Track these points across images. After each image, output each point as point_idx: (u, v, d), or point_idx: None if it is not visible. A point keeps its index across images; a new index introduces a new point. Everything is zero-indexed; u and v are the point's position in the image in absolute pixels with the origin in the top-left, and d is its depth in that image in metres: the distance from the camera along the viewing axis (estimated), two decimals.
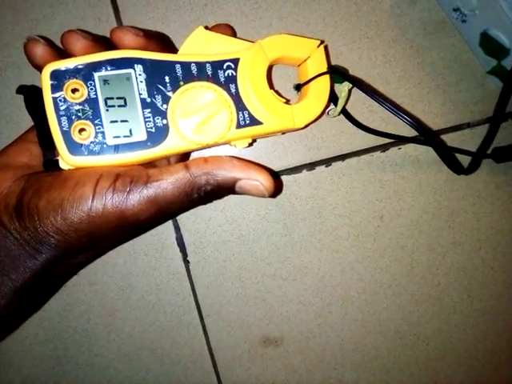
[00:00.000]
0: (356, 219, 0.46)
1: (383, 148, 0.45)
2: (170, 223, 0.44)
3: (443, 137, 0.46)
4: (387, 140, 0.44)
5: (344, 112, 0.41)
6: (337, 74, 0.35)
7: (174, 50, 0.34)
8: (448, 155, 0.37)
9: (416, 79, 0.45)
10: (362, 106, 0.44)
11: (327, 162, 0.45)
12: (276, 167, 0.44)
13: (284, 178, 0.45)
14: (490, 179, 0.47)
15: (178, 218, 0.44)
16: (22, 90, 0.32)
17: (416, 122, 0.35)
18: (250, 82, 0.33)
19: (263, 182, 0.31)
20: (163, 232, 0.44)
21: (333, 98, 0.39)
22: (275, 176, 0.42)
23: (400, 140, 0.41)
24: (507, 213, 0.48)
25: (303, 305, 0.47)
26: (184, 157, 0.37)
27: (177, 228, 0.44)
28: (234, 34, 0.37)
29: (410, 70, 0.45)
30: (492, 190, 0.47)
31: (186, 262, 0.45)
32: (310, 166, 0.45)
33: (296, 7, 0.43)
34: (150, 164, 0.34)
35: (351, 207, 0.46)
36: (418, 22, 0.45)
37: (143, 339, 0.46)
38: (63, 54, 0.31)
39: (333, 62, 0.44)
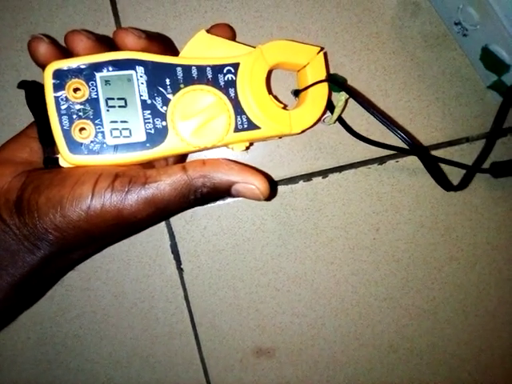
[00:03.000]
0: (352, 231, 0.46)
1: (380, 161, 0.45)
2: (164, 230, 0.44)
3: (441, 151, 0.45)
4: (384, 152, 0.44)
5: (341, 121, 0.41)
6: (334, 83, 0.35)
7: (176, 52, 0.34)
8: (436, 171, 0.36)
9: (416, 92, 0.45)
10: (361, 116, 0.44)
11: (324, 173, 0.45)
12: (273, 177, 0.44)
13: (280, 188, 0.44)
14: (488, 194, 0.47)
15: (172, 225, 0.44)
16: (23, 85, 0.32)
17: (407, 136, 0.35)
18: (249, 87, 0.33)
19: (259, 185, 0.31)
20: (157, 239, 0.44)
21: (330, 106, 0.38)
22: (270, 180, 0.41)
23: (395, 150, 0.41)
24: (504, 228, 0.47)
25: (297, 316, 0.47)
26: (182, 158, 0.38)
27: (171, 236, 0.44)
28: (234, 35, 0.37)
29: (410, 83, 0.45)
30: (489, 205, 0.47)
31: (180, 270, 0.45)
32: (307, 176, 0.44)
33: (297, 16, 0.43)
34: (149, 164, 0.34)
35: (347, 219, 0.46)
36: (419, 34, 0.44)
37: (135, 346, 0.46)
38: (66, 53, 0.32)
39: (333, 72, 0.43)
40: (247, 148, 0.35)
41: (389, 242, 0.46)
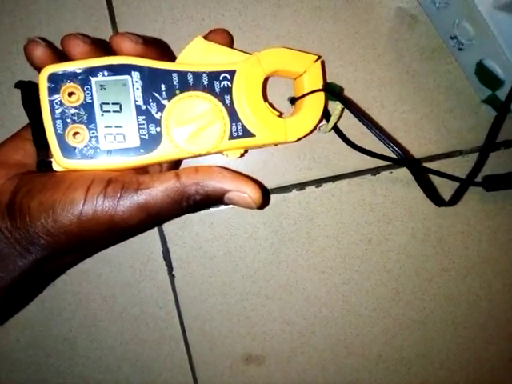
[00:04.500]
0: (344, 241, 0.46)
1: (374, 171, 0.45)
2: (156, 236, 0.44)
3: (435, 163, 0.46)
4: (378, 163, 0.44)
5: (336, 130, 0.41)
6: (330, 92, 0.35)
7: (173, 58, 0.34)
8: (427, 186, 0.36)
9: (411, 104, 0.45)
10: (356, 126, 0.44)
11: (318, 182, 0.45)
12: (266, 185, 0.44)
13: (274, 196, 0.45)
14: (480, 207, 0.47)
15: (165, 231, 0.44)
16: (19, 85, 0.32)
17: (398, 148, 0.35)
18: (245, 95, 0.33)
19: (251, 194, 0.31)
20: (149, 245, 0.44)
21: (326, 115, 0.39)
22: (263, 189, 0.41)
23: (387, 161, 0.41)
24: (495, 241, 0.48)
25: (287, 324, 0.47)
26: (176, 164, 0.38)
27: (163, 241, 0.44)
28: (231, 41, 0.38)
29: (405, 95, 0.45)
30: (481, 218, 0.47)
31: (171, 276, 0.45)
32: (301, 185, 0.45)
33: (294, 26, 0.43)
34: (143, 169, 0.34)
35: (340, 229, 0.46)
36: (415, 47, 0.45)
37: (125, 351, 0.46)
38: (62, 57, 0.32)
39: (330, 81, 0.44)
40: (242, 155, 0.35)
41: (380, 252, 0.47)
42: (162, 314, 0.45)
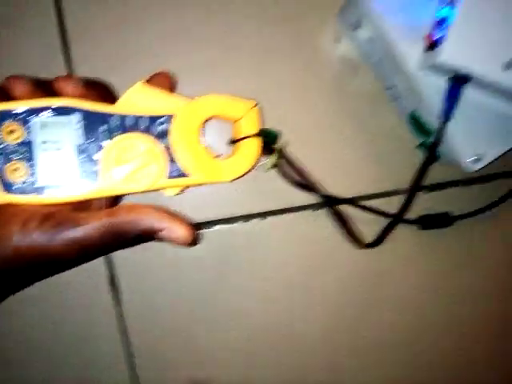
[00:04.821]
0: (286, 272, 0.49)
1: (316, 207, 0.48)
2: (103, 260, 0.46)
3: (373, 201, 0.48)
4: (321, 200, 0.47)
5: (278, 168, 0.43)
6: (265, 136, 0.38)
7: (115, 99, 0.36)
8: (348, 230, 0.39)
9: (352, 146, 0.48)
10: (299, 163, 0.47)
11: (263, 215, 0.47)
12: (213, 216, 0.47)
13: (220, 227, 0.47)
14: (416, 245, 0.50)
15: (112, 255, 0.46)
16: None
17: (318, 190, 0.39)
18: (182, 138, 0.36)
19: (182, 233, 0.33)
20: (96, 269, 0.46)
21: (269, 151, 0.41)
22: (194, 227, 0.44)
23: (323, 198, 0.44)
24: (430, 275, 0.51)
25: (232, 350, 0.49)
26: (116, 199, 0.39)
27: (111, 265, 0.46)
28: (174, 83, 0.39)
29: (347, 137, 0.48)
30: (417, 254, 0.50)
31: (118, 301, 0.47)
32: (246, 217, 0.47)
33: (242, 70, 0.46)
34: (83, 204, 0.36)
35: (282, 260, 0.48)
36: (358, 92, 0.48)
37: (70, 374, 0.47)
38: (6, 95, 0.33)
39: (274, 124, 0.46)
40: (180, 192, 0.37)
41: (321, 284, 0.49)
42: (108, 337, 0.47)
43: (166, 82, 0.38)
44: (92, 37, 0.44)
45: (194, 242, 0.34)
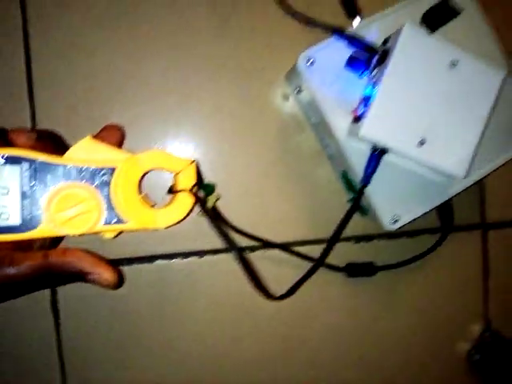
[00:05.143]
0: (219, 309, 0.52)
1: (251, 249, 0.52)
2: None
3: (305, 247, 0.53)
4: (255, 243, 0.51)
5: (215, 213, 0.48)
6: (195, 196, 0.42)
7: (65, 149, 0.40)
8: (255, 280, 0.43)
9: (288, 196, 0.52)
10: (236, 211, 0.51)
11: (200, 254, 0.51)
12: (152, 251, 0.50)
13: (159, 262, 0.51)
14: (342, 290, 0.55)
15: None
16: None
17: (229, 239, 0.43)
18: (121, 189, 0.39)
19: (108, 278, 0.37)
20: (39, 293, 0.49)
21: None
22: (119, 273, 0.47)
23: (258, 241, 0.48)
24: (353, 319, 0.55)
25: (163, 377, 0.52)
26: (58, 239, 0.43)
27: (53, 290, 0.49)
28: (122, 136, 0.44)
29: (284, 188, 0.52)
30: (343, 300, 0.55)
31: (57, 326, 0.50)
32: (185, 255, 0.51)
33: (191, 123, 0.50)
34: (26, 243, 0.39)
35: (218, 298, 0.52)
36: (300, 147, 0.52)
37: None
38: None
39: (219, 172, 0.51)
40: (117, 236, 0.41)
41: (252, 320, 0.53)
42: (44, 359, 0.50)
43: (114, 134, 0.42)
44: (56, 88, 0.48)
45: (118, 285, 0.38)
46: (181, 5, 0.50)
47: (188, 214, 0.42)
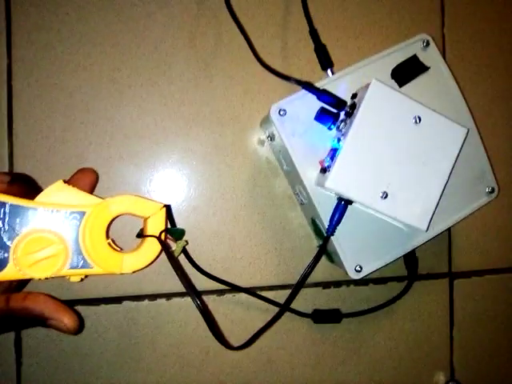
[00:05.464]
0: (184, 351, 0.52)
1: (219, 293, 0.53)
2: None
3: (272, 292, 0.53)
4: (223, 287, 0.51)
5: (186, 255, 0.49)
6: (160, 242, 0.42)
7: (37, 192, 0.40)
8: (215, 332, 0.43)
9: (258, 240, 0.53)
10: (207, 254, 0.52)
11: (168, 296, 0.52)
12: (121, 292, 0.51)
13: (127, 303, 0.51)
14: (308, 336, 0.55)
15: None
16: None
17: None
18: (89, 233, 0.40)
19: (67, 323, 0.38)
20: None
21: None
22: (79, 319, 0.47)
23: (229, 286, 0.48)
24: (318, 365, 0.55)
25: None
26: (24, 281, 0.43)
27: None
28: (96, 179, 0.45)
29: (254, 232, 0.53)
30: (308, 345, 0.55)
31: (19, 364, 0.50)
32: (153, 297, 0.51)
33: (161, 169, 0.51)
34: None
35: (182, 339, 0.52)
36: (270, 194, 0.54)
37: None
38: None
39: (189, 216, 0.52)
40: (82, 280, 0.41)
41: (216, 364, 0.53)
42: None
43: (87, 177, 0.43)
44: (34, 127, 0.50)
45: (78, 331, 0.39)
46: (162, 49, 0.52)
47: (155, 259, 0.43)
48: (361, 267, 0.48)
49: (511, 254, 0.61)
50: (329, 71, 0.50)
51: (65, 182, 0.41)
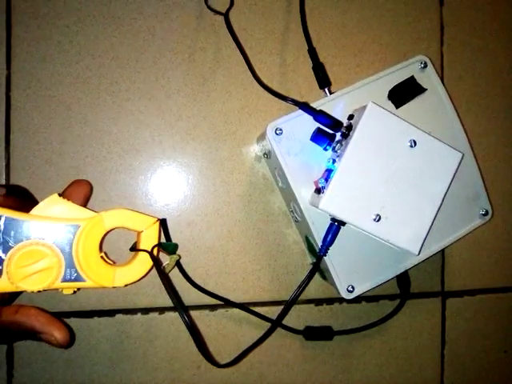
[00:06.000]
0: (176, 365, 0.53)
1: (212, 307, 0.53)
2: None
3: (265, 308, 0.53)
4: (217, 302, 0.52)
5: (180, 269, 0.50)
6: (152, 257, 0.43)
7: (34, 205, 0.40)
8: (202, 349, 0.42)
9: (252, 256, 0.53)
10: (201, 268, 0.52)
11: (161, 310, 0.52)
12: (114, 305, 0.51)
13: (119, 316, 0.51)
14: (300, 352, 0.55)
15: None
16: None
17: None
18: (83, 247, 0.40)
19: (58, 337, 0.38)
20: None
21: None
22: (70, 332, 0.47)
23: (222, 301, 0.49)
24: (309, 382, 0.55)
25: None
26: (16, 294, 0.43)
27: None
28: (90, 191, 0.45)
29: (249, 248, 0.53)
30: (299, 362, 0.55)
31: (10, 376, 0.50)
32: (146, 310, 0.51)
33: (157, 183, 0.51)
34: None
35: (173, 353, 0.52)
36: (264, 210, 0.54)
37: None
38: None
39: (184, 230, 0.52)
40: (75, 292, 0.42)
41: (209, 379, 0.53)
42: None
43: (81, 190, 0.43)
44: (32, 139, 0.50)
45: (69, 345, 0.39)
46: (161, 64, 0.52)
47: (147, 274, 0.43)
48: (353, 287, 0.48)
49: (503, 274, 0.61)
50: (326, 90, 0.50)
51: (59, 194, 0.41)
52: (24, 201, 0.41)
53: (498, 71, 0.60)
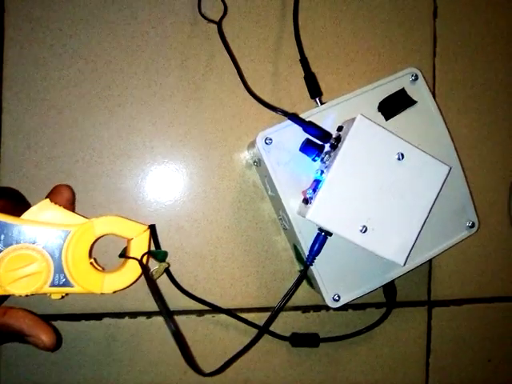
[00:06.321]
0: (162, 369, 0.53)
1: (200, 313, 0.53)
2: None
3: (252, 314, 0.54)
4: (204, 307, 0.52)
5: (168, 275, 0.50)
6: (142, 265, 0.43)
7: (26, 208, 0.41)
8: (186, 356, 0.42)
9: (240, 262, 0.54)
10: (188, 274, 0.52)
11: (149, 314, 0.52)
12: (101, 309, 0.51)
13: (107, 320, 0.51)
14: (286, 358, 0.56)
15: None
16: None
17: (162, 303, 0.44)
18: (72, 253, 0.40)
19: (44, 340, 0.38)
20: None
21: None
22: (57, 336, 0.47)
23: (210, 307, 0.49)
24: None
25: None
26: (4, 297, 0.44)
27: None
28: (72, 195, 0.45)
29: (237, 254, 0.54)
30: (286, 368, 0.56)
31: None
32: (133, 314, 0.52)
33: (147, 189, 0.51)
34: None
35: (161, 358, 0.53)
36: (255, 216, 0.54)
37: None
38: None
39: (173, 235, 0.52)
40: (63, 297, 0.42)
41: (196, 381, 0.54)
42: None
43: (63, 194, 0.43)
44: (23, 142, 0.50)
45: (55, 348, 0.40)
46: (154, 69, 0.52)
47: (136, 281, 0.43)
48: (339, 296, 0.48)
49: (489, 285, 0.61)
50: (317, 100, 0.50)
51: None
52: (16, 203, 0.41)
53: (489, 83, 0.61)
